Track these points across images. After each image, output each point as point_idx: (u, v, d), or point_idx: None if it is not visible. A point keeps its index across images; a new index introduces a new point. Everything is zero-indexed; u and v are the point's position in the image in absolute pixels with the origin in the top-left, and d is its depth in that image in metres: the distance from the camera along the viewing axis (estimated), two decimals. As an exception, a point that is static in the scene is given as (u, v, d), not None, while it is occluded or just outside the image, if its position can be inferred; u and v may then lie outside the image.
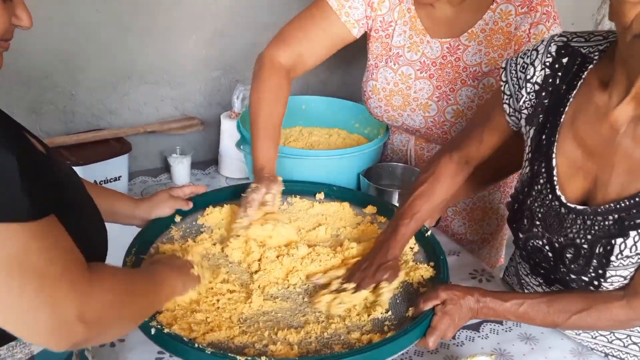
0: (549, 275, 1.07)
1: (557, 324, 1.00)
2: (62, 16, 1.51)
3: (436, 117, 1.41)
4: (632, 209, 0.91)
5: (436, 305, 0.98)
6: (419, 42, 1.39)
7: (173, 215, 1.23)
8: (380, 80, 1.44)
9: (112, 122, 1.67)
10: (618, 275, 0.95)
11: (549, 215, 1.01)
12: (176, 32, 1.68)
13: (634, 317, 0.97)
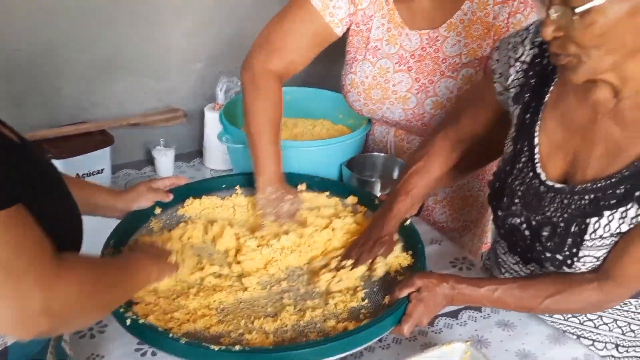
0: (525, 254, 1.09)
1: (531, 308, 1.02)
2: (45, 9, 1.51)
3: (415, 109, 1.42)
4: (607, 190, 0.93)
5: (411, 293, 0.99)
6: (397, 34, 1.39)
7: (153, 207, 1.23)
8: (358, 74, 1.44)
9: (95, 114, 1.67)
10: (591, 255, 0.96)
11: (529, 194, 1.03)
12: (160, 23, 1.68)
13: (605, 300, 0.98)
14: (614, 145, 0.93)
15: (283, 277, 1.09)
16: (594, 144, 0.95)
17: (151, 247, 1.08)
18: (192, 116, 1.79)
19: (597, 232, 0.94)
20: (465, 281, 1.02)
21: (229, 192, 1.34)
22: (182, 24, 1.71)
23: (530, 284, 1.01)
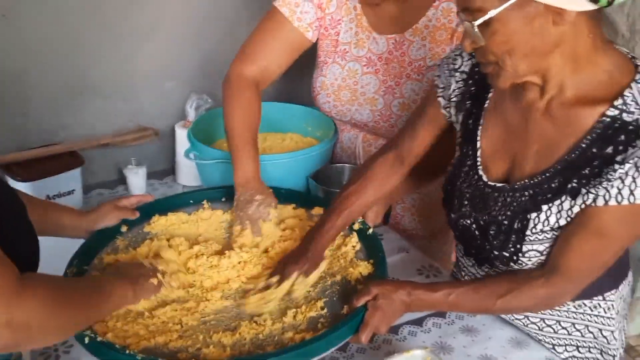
0: (478, 255, 1.11)
1: (486, 309, 1.04)
2: (9, 35, 1.53)
3: (383, 110, 1.46)
4: (543, 184, 0.96)
5: (368, 301, 1.01)
6: (364, 38, 1.44)
7: (119, 225, 1.24)
8: (328, 76, 1.49)
9: (66, 136, 1.68)
10: (534, 250, 0.99)
11: (475, 195, 1.06)
12: (128, 44, 1.71)
13: (554, 294, 1.00)
14: (547, 141, 0.96)
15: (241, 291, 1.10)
16: (530, 142, 0.98)
17: (135, 266, 1.09)
18: (163, 134, 1.81)
19: (537, 226, 0.97)
20: (422, 287, 1.04)
21: (196, 207, 1.35)
22: (151, 44, 1.73)
23: (483, 285, 1.03)
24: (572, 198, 0.93)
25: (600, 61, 0.90)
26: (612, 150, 0.88)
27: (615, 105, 0.89)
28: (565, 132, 0.94)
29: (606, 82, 0.91)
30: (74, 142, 1.66)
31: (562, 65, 0.89)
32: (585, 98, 0.91)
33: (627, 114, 0.88)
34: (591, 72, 0.91)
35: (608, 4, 0.82)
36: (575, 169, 0.92)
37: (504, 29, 0.84)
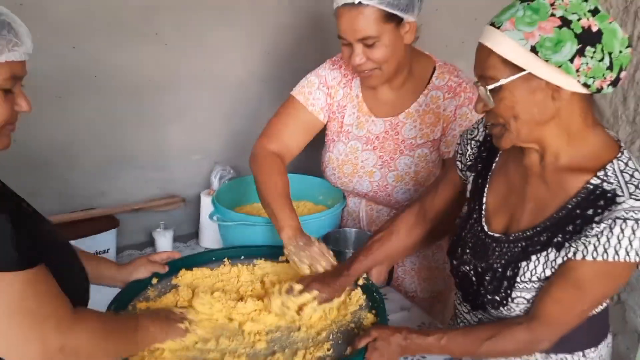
0: (474, 300, 1.23)
1: (473, 352, 1.15)
2: (60, 111, 1.77)
3: (380, 181, 1.64)
4: (534, 237, 1.11)
5: (369, 343, 1.14)
6: (364, 121, 1.65)
7: (151, 278, 1.40)
8: (334, 153, 1.69)
9: (102, 202, 1.88)
10: (522, 297, 1.12)
11: (477, 244, 1.21)
12: (161, 123, 1.94)
13: (534, 339, 1.12)
14: (541, 201, 1.12)
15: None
16: (526, 200, 1.14)
17: (166, 311, 1.23)
18: (189, 201, 2.00)
19: (526, 275, 1.11)
20: (416, 332, 1.17)
21: (218, 263, 1.51)
22: (181, 123, 1.97)
23: (471, 330, 1.16)
24: (557, 250, 1.07)
25: (589, 137, 1.07)
26: (592, 212, 1.03)
27: (598, 175, 1.04)
28: (556, 194, 1.09)
29: (593, 156, 1.07)
30: (110, 207, 1.86)
31: (557, 135, 1.06)
32: (575, 167, 1.08)
33: (607, 183, 1.03)
34: (582, 146, 1.07)
35: (597, 90, 1.00)
36: (562, 226, 1.07)
37: (511, 96, 1.01)
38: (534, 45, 0.96)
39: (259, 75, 2.03)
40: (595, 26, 0.96)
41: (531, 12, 0.97)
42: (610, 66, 0.97)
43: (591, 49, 0.95)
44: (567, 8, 0.96)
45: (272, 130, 1.64)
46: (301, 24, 2.04)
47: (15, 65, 0.95)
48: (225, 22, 1.92)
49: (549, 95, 1.00)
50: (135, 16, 1.80)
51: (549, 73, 0.97)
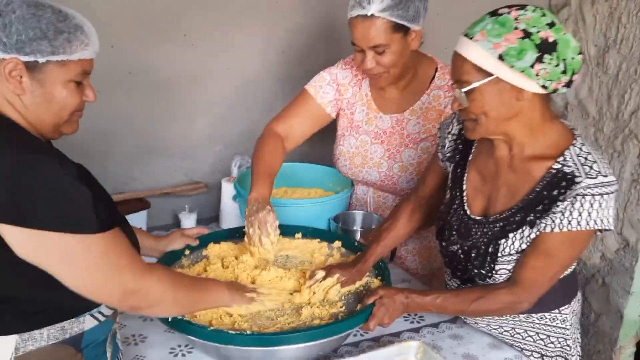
0: (462, 275, 1.43)
1: (463, 310, 1.35)
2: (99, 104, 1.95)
3: (387, 172, 1.84)
4: (510, 218, 1.30)
5: (376, 300, 1.34)
6: (373, 117, 1.84)
7: (184, 249, 1.61)
8: (345, 146, 1.88)
9: (135, 186, 2.09)
10: (504, 268, 1.32)
11: (461, 226, 1.40)
12: (188, 116, 2.15)
13: (514, 300, 1.32)
14: (512, 186, 1.31)
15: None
16: (500, 186, 1.34)
17: (238, 283, 1.40)
18: (211, 187, 2.21)
19: (506, 250, 1.31)
20: (416, 292, 1.37)
21: (241, 239, 1.71)
22: (205, 117, 2.18)
23: (462, 292, 1.37)
24: (531, 228, 1.27)
25: (549, 130, 1.27)
26: (557, 193, 1.23)
27: (558, 161, 1.24)
28: (524, 180, 1.29)
29: (552, 145, 1.27)
30: (141, 190, 2.07)
31: (521, 129, 1.25)
32: (539, 155, 1.27)
33: (567, 167, 1.23)
34: (543, 137, 1.27)
35: (554, 91, 1.20)
36: (532, 207, 1.27)
37: (481, 97, 1.20)
38: (501, 54, 1.15)
39: (275, 73, 2.23)
40: (552, 37, 1.15)
41: (498, 25, 1.15)
42: (564, 70, 1.16)
43: (549, 56, 1.14)
44: (529, 22, 1.15)
45: (282, 115, 1.82)
46: (314, 26, 2.23)
47: (86, 62, 1.12)
48: (245, 25, 2.13)
49: (513, 96, 1.19)
50: (167, 19, 2.01)
51: (514, 77, 1.16)
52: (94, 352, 1.15)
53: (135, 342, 1.43)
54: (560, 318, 1.42)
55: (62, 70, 1.08)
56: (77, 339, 1.12)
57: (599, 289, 2.64)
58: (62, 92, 1.09)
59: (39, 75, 1.06)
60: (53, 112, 1.11)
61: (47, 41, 1.04)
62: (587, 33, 2.58)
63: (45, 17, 1.05)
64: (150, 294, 1.12)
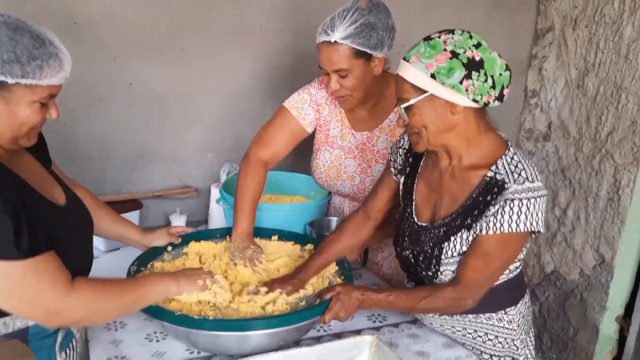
0: (415, 277, 1.54)
1: (412, 307, 1.46)
2: (101, 112, 2.14)
3: (359, 185, 1.96)
4: (451, 223, 1.41)
5: (333, 295, 1.46)
6: (347, 133, 1.96)
7: (166, 246, 1.75)
8: (321, 159, 2.00)
9: (130, 188, 2.25)
10: (448, 269, 1.43)
11: (412, 233, 1.51)
12: (182, 126, 2.31)
13: (458, 297, 1.41)
14: (453, 194, 1.43)
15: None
16: (443, 194, 1.45)
17: (191, 270, 1.46)
18: (201, 192, 2.36)
19: (449, 252, 1.41)
20: (372, 289, 1.48)
21: (221, 239, 1.85)
22: (199, 126, 2.33)
23: (412, 290, 1.47)
24: (468, 230, 1.38)
25: (483, 141, 1.39)
26: (490, 198, 1.34)
27: (491, 169, 1.36)
28: (463, 188, 1.41)
29: (487, 155, 1.38)
30: (136, 192, 2.22)
31: (458, 141, 1.37)
32: (475, 165, 1.39)
33: (499, 174, 1.35)
34: (478, 148, 1.38)
35: (485, 104, 1.32)
36: (470, 212, 1.38)
37: (419, 112, 1.32)
38: (433, 73, 1.27)
39: (263, 87, 2.39)
40: (478, 56, 1.27)
41: (430, 48, 1.28)
42: (493, 85, 1.29)
43: (476, 73, 1.27)
44: (456, 44, 1.28)
45: (265, 138, 1.90)
46: (300, 46, 2.39)
47: (54, 87, 1.16)
48: (238, 43, 2.29)
49: (448, 110, 1.31)
50: (165, 36, 2.18)
51: (446, 93, 1.28)
52: (41, 343, 1.24)
53: (116, 328, 1.56)
54: (507, 319, 1.51)
55: (29, 92, 1.12)
56: (23, 332, 1.21)
57: (577, 304, 2.72)
58: (26, 111, 1.14)
59: (5, 94, 1.11)
60: (14, 127, 1.15)
61: (19, 65, 1.08)
62: (569, 56, 2.70)
63: (23, 42, 1.09)
64: (73, 313, 1.18)
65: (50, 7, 1.97)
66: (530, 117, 2.96)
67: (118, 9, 2.09)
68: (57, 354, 1.28)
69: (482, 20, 2.70)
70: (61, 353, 1.29)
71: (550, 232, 2.88)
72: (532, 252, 3.01)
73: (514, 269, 1.48)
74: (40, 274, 1.11)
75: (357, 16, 1.67)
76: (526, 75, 2.95)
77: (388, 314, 1.68)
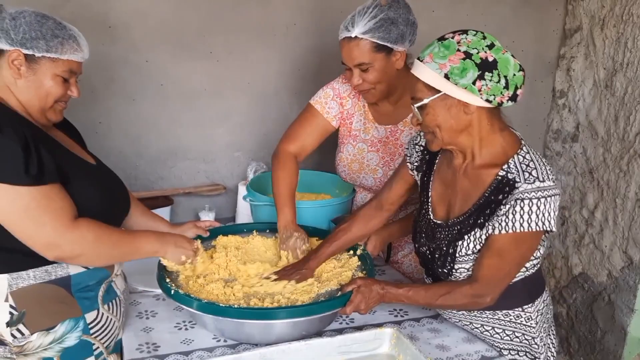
0: (431, 273, 1.56)
1: (431, 303, 1.48)
2: (135, 111, 2.23)
3: (381, 178, 1.99)
4: (465, 222, 1.43)
5: (354, 288, 1.49)
6: (370, 127, 2.00)
7: (195, 239, 1.80)
8: (345, 153, 2.05)
9: (161, 185, 2.33)
10: (462, 267, 1.45)
11: (428, 230, 1.54)
12: (210, 124, 2.38)
13: (476, 294, 1.43)
14: (466, 192, 1.44)
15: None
16: (457, 193, 1.47)
17: (179, 238, 1.57)
18: (229, 189, 2.42)
19: (463, 250, 1.43)
20: (392, 284, 1.50)
21: (248, 234, 1.91)
22: (227, 125, 2.40)
23: (431, 287, 1.49)
24: (480, 229, 1.40)
25: (497, 140, 1.40)
26: (501, 197, 1.35)
27: (503, 168, 1.37)
28: (476, 186, 1.42)
29: (500, 154, 1.39)
30: (167, 189, 2.30)
31: (472, 141, 1.39)
32: (488, 164, 1.40)
33: (510, 173, 1.36)
34: (492, 147, 1.40)
35: (499, 104, 1.33)
36: (482, 210, 1.39)
37: (433, 111, 1.35)
38: (446, 73, 1.29)
39: (290, 87, 2.44)
40: (492, 56, 1.29)
41: (443, 48, 1.31)
42: (506, 86, 1.30)
43: (489, 73, 1.28)
44: (469, 44, 1.30)
45: (292, 133, 1.98)
46: (326, 45, 2.43)
47: (74, 63, 1.39)
48: (265, 44, 2.35)
49: (461, 110, 1.33)
50: (195, 38, 2.25)
51: (459, 93, 1.30)
52: (84, 293, 1.38)
53: (147, 316, 1.63)
54: (525, 316, 1.52)
55: (52, 65, 1.36)
56: (65, 281, 1.35)
57: (605, 307, 2.69)
58: (50, 82, 1.37)
59: (34, 66, 1.35)
60: (40, 96, 1.37)
61: (44, 41, 1.34)
62: (597, 56, 2.68)
63: (47, 24, 1.35)
64: (71, 249, 1.30)
65: (85, 13, 2.06)
66: (558, 118, 2.95)
67: (149, 11, 2.17)
68: (100, 305, 1.41)
69: (510, 20, 2.70)
70: (104, 305, 1.42)
71: (578, 234, 2.86)
72: (559, 254, 2.99)
73: (531, 266, 1.48)
74: (45, 203, 1.25)
75: (377, 12, 1.72)
76: (554, 75, 2.93)
77: (410, 308, 1.70)
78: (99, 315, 1.41)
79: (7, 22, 1.33)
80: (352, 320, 1.64)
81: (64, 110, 1.45)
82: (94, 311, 1.40)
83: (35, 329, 1.32)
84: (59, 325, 1.35)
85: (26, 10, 1.36)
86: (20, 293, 1.31)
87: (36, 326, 1.33)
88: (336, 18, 2.37)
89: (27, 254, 1.30)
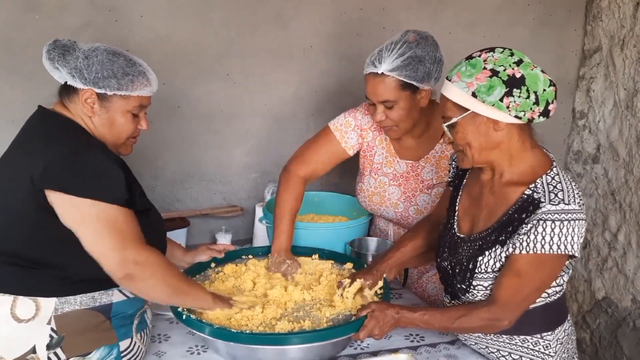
0: (451, 290, 1.53)
1: (447, 327, 1.45)
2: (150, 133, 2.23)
3: (403, 213, 1.96)
4: (486, 237, 1.41)
5: (368, 312, 1.47)
6: (392, 161, 1.97)
7: (210, 261, 1.81)
8: (365, 184, 2.02)
9: (178, 207, 2.34)
10: (480, 284, 1.42)
11: (451, 244, 1.52)
12: (227, 146, 2.39)
13: (493, 317, 1.40)
14: (491, 208, 1.43)
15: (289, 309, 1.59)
16: (482, 208, 1.46)
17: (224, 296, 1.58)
18: (246, 211, 2.42)
19: (482, 267, 1.41)
20: (407, 308, 1.48)
21: (264, 256, 1.90)
22: (243, 147, 2.41)
23: (447, 310, 1.47)
24: (502, 247, 1.38)
25: (527, 158, 1.39)
26: (525, 216, 1.34)
27: (530, 187, 1.36)
28: (501, 203, 1.41)
29: (529, 172, 1.38)
30: (183, 210, 2.31)
31: (502, 158, 1.38)
32: (515, 181, 1.39)
33: (536, 193, 1.34)
34: (521, 165, 1.39)
35: (530, 120, 1.32)
36: (505, 228, 1.38)
37: (462, 130, 1.35)
38: (473, 91, 1.30)
39: (307, 109, 2.45)
40: (519, 73, 1.29)
41: (470, 67, 1.31)
42: (536, 101, 1.29)
43: (517, 90, 1.28)
44: (496, 62, 1.30)
45: (306, 155, 1.95)
46: (344, 69, 2.45)
47: (144, 98, 1.47)
48: (282, 66, 2.37)
49: (490, 127, 1.33)
50: (212, 60, 2.28)
51: (487, 111, 1.30)
52: (121, 321, 1.39)
53: (160, 340, 1.63)
54: (543, 343, 1.48)
55: (123, 102, 1.42)
56: (107, 308, 1.36)
57: (630, 333, 2.61)
58: (121, 119, 1.44)
59: (106, 104, 1.41)
60: (113, 133, 1.45)
61: (116, 80, 1.39)
62: (617, 77, 2.64)
63: (118, 62, 1.41)
64: (146, 267, 1.31)
65: (105, 37, 2.10)
66: (579, 139, 2.90)
67: (168, 36, 2.20)
68: (134, 333, 1.43)
69: (528, 42, 2.68)
70: (137, 334, 1.44)
71: (600, 257, 2.79)
72: (582, 278, 2.92)
73: (553, 293, 1.45)
74: (128, 224, 1.30)
75: (405, 49, 1.71)
76: (574, 96, 2.90)
77: (426, 334, 1.67)
78: (132, 344, 1.42)
79: (80, 60, 1.38)
80: (367, 345, 1.61)
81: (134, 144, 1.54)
82: (127, 339, 1.41)
83: (71, 354, 1.33)
84: (95, 351, 1.36)
85: (98, 48, 1.41)
86: (63, 317, 1.32)
87: (73, 351, 1.33)
88: (353, 41, 2.40)
89: (76, 281, 1.32)
